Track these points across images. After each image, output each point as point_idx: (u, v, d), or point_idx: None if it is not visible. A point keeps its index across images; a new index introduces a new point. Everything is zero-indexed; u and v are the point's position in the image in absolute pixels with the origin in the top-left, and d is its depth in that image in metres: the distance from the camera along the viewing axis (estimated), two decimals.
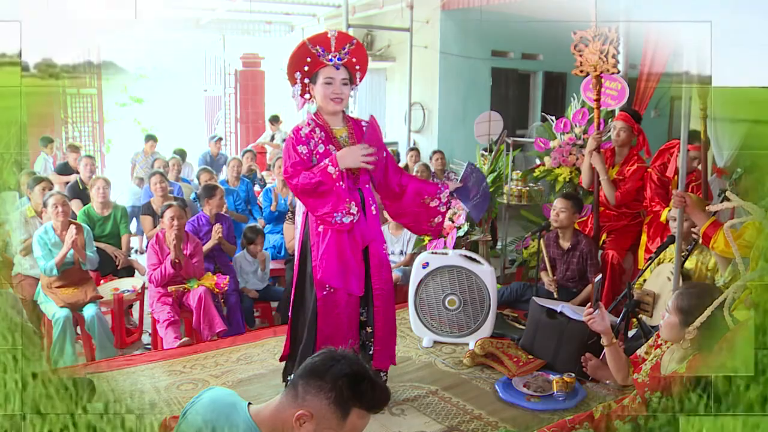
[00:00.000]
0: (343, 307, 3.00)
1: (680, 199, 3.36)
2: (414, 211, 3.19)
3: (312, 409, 1.48)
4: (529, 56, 10.20)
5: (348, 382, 1.49)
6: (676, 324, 2.38)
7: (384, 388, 1.57)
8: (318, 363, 1.53)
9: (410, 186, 3.18)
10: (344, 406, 1.49)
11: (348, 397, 1.49)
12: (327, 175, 2.84)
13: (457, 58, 9.28)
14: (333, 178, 2.83)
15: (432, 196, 3.15)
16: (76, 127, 10.65)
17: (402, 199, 3.18)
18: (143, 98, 17.02)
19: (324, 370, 1.50)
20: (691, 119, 4.00)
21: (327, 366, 1.51)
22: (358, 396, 1.50)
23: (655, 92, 5.30)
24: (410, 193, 3.16)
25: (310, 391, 1.49)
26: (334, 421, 1.49)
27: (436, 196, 3.15)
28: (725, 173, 5.32)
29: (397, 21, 8.58)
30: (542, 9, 7.95)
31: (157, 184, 5.73)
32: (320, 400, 1.48)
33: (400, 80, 9.71)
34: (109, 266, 5.05)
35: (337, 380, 1.49)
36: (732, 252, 3.02)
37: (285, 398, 1.54)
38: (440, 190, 3.16)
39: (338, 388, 1.48)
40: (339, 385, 1.49)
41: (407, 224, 3.33)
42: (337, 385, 1.49)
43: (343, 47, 2.95)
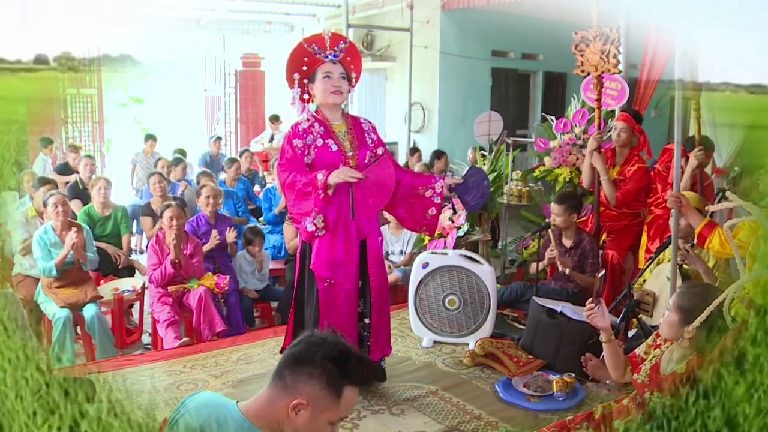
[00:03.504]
0: (343, 299, 3.06)
1: (675, 199, 3.37)
2: (408, 202, 3.21)
3: (306, 396, 1.50)
4: (529, 56, 10.21)
5: (336, 362, 1.51)
6: (675, 323, 2.39)
7: (369, 360, 1.60)
8: (302, 350, 1.54)
9: (404, 178, 3.22)
10: (337, 386, 1.51)
11: (339, 377, 1.51)
12: (314, 181, 2.91)
13: (457, 58, 9.28)
14: (317, 185, 2.90)
15: (426, 186, 3.17)
16: (76, 127, 10.64)
17: (396, 191, 3.21)
18: (143, 98, 17.02)
19: (310, 356, 1.52)
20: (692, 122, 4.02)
21: (312, 351, 1.52)
22: (348, 374, 1.53)
23: (655, 92, 5.30)
24: (404, 184, 3.20)
25: (299, 379, 1.51)
26: (329, 403, 1.52)
27: (430, 186, 3.17)
28: (724, 173, 5.32)
29: (397, 21, 8.57)
30: (542, 9, 7.96)
31: (156, 184, 5.73)
32: (312, 386, 1.50)
33: (400, 80, 9.71)
34: (110, 266, 5.05)
35: (325, 363, 1.51)
36: (728, 252, 3.03)
37: (274, 391, 1.54)
38: (434, 181, 3.19)
39: (328, 370, 1.51)
40: (328, 368, 1.51)
41: (402, 216, 3.32)
42: (327, 368, 1.51)
43: (337, 45, 3.03)
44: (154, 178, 5.81)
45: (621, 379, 2.85)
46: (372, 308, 3.17)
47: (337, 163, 3.00)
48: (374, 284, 3.16)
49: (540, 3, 7.66)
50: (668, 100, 9.03)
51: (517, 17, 8.91)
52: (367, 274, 3.15)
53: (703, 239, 3.19)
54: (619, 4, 4.76)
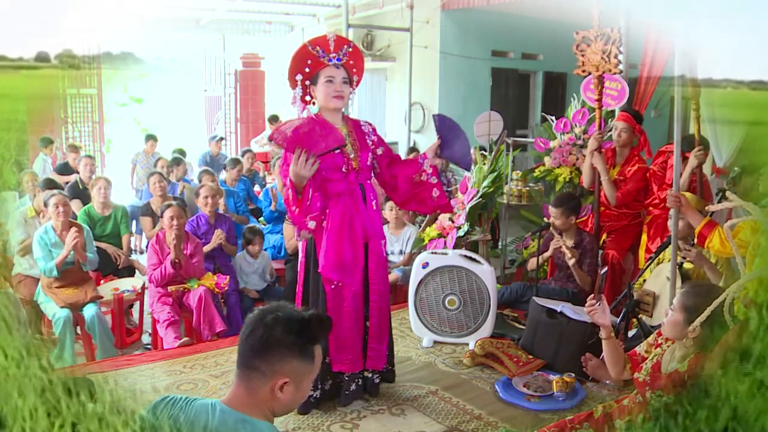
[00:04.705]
0: (350, 301, 3.06)
1: (675, 199, 3.37)
2: (413, 193, 3.24)
3: (286, 374, 1.55)
4: (529, 56, 10.20)
5: (300, 333, 1.56)
6: (679, 322, 2.39)
7: (320, 314, 1.64)
8: (264, 335, 1.56)
9: (400, 173, 3.24)
10: (307, 351, 1.58)
11: (307, 343, 1.57)
12: (291, 201, 2.90)
13: (457, 58, 9.28)
14: (290, 202, 2.88)
15: (418, 171, 3.21)
16: (76, 127, 10.65)
17: (399, 188, 3.24)
18: (143, 98, 17.03)
19: (274, 338, 1.55)
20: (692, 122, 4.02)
21: (274, 333, 1.55)
22: (313, 338, 1.59)
23: (655, 92, 5.30)
24: (402, 178, 3.23)
25: (273, 362, 1.54)
26: (306, 369, 1.59)
27: (421, 170, 3.21)
28: (724, 173, 5.33)
29: (397, 21, 8.58)
30: (542, 9, 7.96)
31: (156, 184, 5.73)
32: (289, 363, 1.55)
33: (400, 80, 9.71)
34: (110, 266, 5.05)
35: (292, 338, 1.55)
36: (728, 252, 3.03)
37: (251, 382, 1.57)
38: (422, 163, 3.22)
39: (297, 343, 1.55)
40: (297, 341, 1.55)
41: (416, 208, 3.42)
42: (296, 342, 1.55)
43: (341, 48, 3.02)
44: (154, 178, 5.81)
45: (620, 377, 2.86)
46: (371, 312, 3.15)
47: (340, 165, 3.00)
48: (374, 287, 3.14)
49: (540, 3, 7.66)
50: (668, 100, 9.03)
51: (517, 17, 8.91)
52: (368, 277, 3.13)
53: (704, 239, 3.19)
54: (620, 4, 4.77)
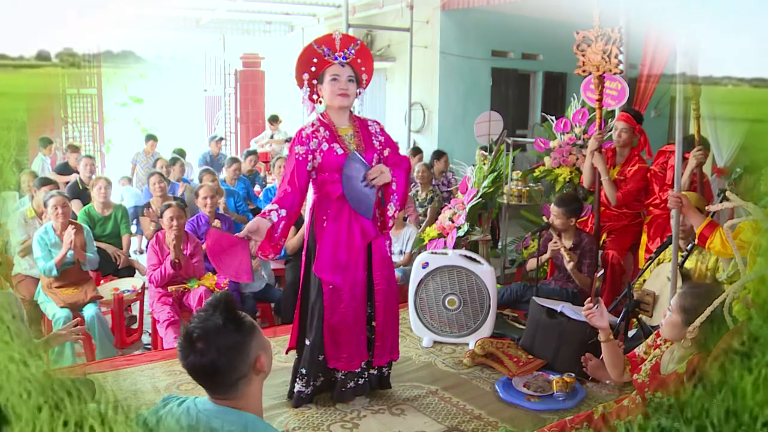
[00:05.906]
0: (348, 302, 3.05)
1: (676, 199, 3.36)
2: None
3: (254, 356, 1.60)
4: (529, 56, 10.21)
5: (231, 320, 1.59)
6: (678, 323, 2.38)
7: (227, 293, 1.67)
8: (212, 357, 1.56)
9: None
10: (243, 324, 1.61)
11: (242, 321, 1.61)
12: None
13: (457, 58, 9.29)
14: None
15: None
16: (76, 127, 10.65)
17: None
18: (143, 98, 17.04)
19: (236, 340, 1.58)
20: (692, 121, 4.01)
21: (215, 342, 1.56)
22: (233, 316, 1.61)
23: (655, 92, 5.30)
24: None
25: (243, 357, 1.58)
26: (260, 338, 1.64)
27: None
28: (725, 173, 5.32)
29: (397, 21, 8.58)
30: (542, 9, 7.96)
31: (156, 184, 5.73)
32: (252, 347, 1.60)
33: (400, 80, 9.71)
34: (110, 266, 5.05)
35: (230, 332, 1.57)
36: (729, 252, 3.03)
37: (239, 391, 1.59)
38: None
39: (240, 330, 1.59)
40: (237, 328, 1.59)
41: None
42: (238, 330, 1.59)
43: (347, 47, 3.02)
44: (154, 178, 5.81)
45: (620, 379, 2.85)
46: (377, 311, 3.14)
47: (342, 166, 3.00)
48: (379, 287, 3.13)
49: (540, 3, 7.66)
50: (668, 100, 9.04)
51: (517, 17, 8.92)
52: (372, 277, 3.13)
53: (705, 239, 3.19)
54: (620, 4, 4.77)
